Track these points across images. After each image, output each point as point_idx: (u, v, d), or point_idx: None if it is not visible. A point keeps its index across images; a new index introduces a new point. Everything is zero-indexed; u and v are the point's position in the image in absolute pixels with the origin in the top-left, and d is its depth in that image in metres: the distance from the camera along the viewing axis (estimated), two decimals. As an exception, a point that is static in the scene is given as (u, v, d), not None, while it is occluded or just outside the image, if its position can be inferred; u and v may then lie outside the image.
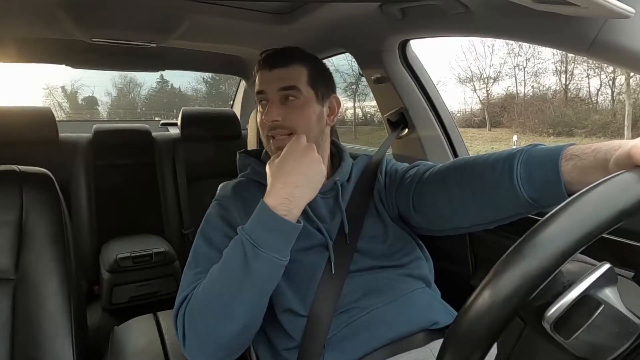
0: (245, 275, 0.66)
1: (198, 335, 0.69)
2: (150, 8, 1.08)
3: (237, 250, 0.68)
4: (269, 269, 0.68)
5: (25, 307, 0.81)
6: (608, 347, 0.39)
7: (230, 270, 0.68)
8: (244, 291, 0.67)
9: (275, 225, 0.68)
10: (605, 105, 9.18)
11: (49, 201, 0.88)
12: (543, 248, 0.34)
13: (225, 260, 0.70)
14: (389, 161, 0.98)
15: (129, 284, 1.71)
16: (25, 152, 1.69)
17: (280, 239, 0.68)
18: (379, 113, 1.33)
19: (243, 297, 0.67)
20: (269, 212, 0.68)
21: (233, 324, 0.68)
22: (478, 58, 12.10)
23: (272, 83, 0.83)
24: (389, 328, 0.75)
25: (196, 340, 0.70)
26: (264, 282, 0.68)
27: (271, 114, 0.81)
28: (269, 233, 0.67)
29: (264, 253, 0.66)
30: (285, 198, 0.69)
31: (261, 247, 0.66)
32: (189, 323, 0.70)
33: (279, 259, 0.68)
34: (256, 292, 0.68)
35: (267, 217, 0.68)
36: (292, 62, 0.84)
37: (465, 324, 0.34)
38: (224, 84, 10.28)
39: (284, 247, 0.69)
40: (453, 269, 1.15)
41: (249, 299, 0.68)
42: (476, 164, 0.75)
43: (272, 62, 0.84)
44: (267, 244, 0.67)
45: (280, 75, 0.83)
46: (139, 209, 2.00)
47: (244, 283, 0.67)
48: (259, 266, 0.66)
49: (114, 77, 10.32)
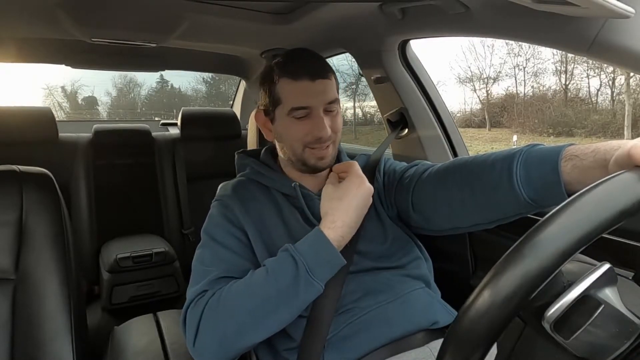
0: (291, 295, 0.68)
1: (217, 335, 0.69)
2: (150, 8, 1.08)
3: (288, 270, 0.69)
4: (314, 296, 0.71)
5: (25, 307, 0.81)
6: (608, 347, 0.39)
7: (277, 285, 0.69)
8: (283, 309, 0.69)
9: (332, 260, 0.71)
10: (605, 106, 9.18)
11: (49, 201, 0.88)
12: (543, 248, 0.34)
13: (271, 274, 0.70)
14: (387, 160, 0.98)
15: (129, 284, 1.72)
16: (25, 152, 1.70)
17: (329, 272, 0.72)
18: (379, 113, 1.33)
19: (280, 314, 0.69)
20: (329, 246, 0.71)
21: (259, 335, 0.70)
22: (478, 58, 12.11)
23: (318, 97, 0.79)
24: (389, 328, 0.75)
25: (213, 340, 0.69)
26: (303, 306, 0.71)
27: (325, 129, 0.79)
28: (324, 266, 0.71)
29: (316, 282, 0.69)
30: (342, 237, 0.72)
31: (315, 277, 0.69)
32: (208, 321, 0.70)
33: (321, 288, 0.71)
34: (294, 313, 0.71)
35: (327, 252, 0.71)
36: (329, 72, 0.82)
37: (466, 323, 0.34)
38: (224, 84, 10.28)
39: (327, 279, 0.72)
40: (453, 269, 1.15)
41: (284, 316, 0.70)
42: (475, 164, 0.75)
43: (313, 71, 0.79)
44: (320, 274, 0.70)
45: (324, 88, 0.80)
46: (139, 209, 2.00)
47: (287, 301, 0.69)
48: (307, 292, 0.69)
49: (114, 77, 10.32)
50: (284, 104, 0.81)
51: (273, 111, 0.83)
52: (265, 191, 0.87)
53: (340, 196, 0.74)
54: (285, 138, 0.84)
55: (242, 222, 0.81)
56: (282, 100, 0.81)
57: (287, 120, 0.81)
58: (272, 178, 0.88)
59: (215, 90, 11.15)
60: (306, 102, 0.79)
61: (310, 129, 0.80)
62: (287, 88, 0.80)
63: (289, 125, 0.81)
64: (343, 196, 0.74)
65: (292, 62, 0.82)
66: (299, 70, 0.79)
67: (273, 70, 0.82)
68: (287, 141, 0.84)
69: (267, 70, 0.85)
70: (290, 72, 0.80)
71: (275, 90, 0.81)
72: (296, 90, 0.79)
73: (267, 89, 0.83)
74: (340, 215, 0.73)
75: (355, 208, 0.74)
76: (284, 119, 0.82)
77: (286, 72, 0.80)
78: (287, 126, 0.82)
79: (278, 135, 0.86)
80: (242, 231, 0.81)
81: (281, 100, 0.81)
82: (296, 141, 0.82)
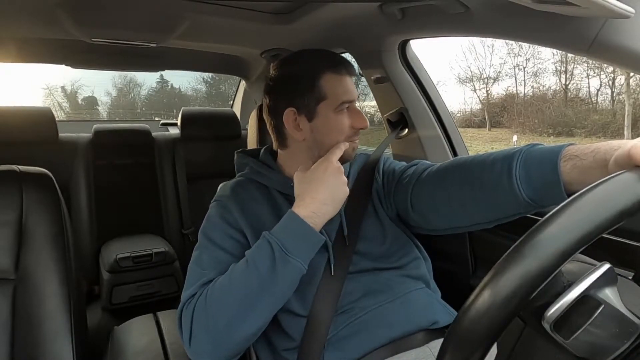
0: (271, 279, 0.68)
1: (209, 333, 0.69)
2: (150, 8, 1.08)
3: (265, 254, 0.70)
4: (294, 275, 0.71)
5: (25, 307, 0.81)
6: (608, 347, 0.39)
7: (257, 272, 0.69)
8: (268, 294, 0.69)
9: (305, 235, 0.72)
10: (605, 105, 9.17)
11: (49, 201, 0.88)
12: (543, 248, 0.34)
13: (251, 262, 0.71)
14: (386, 160, 0.97)
15: (129, 284, 1.72)
16: (25, 152, 1.70)
17: (307, 248, 0.72)
18: (379, 113, 1.33)
19: (266, 300, 0.69)
20: (300, 221, 0.72)
21: (250, 325, 0.69)
22: (478, 58, 12.08)
23: (354, 90, 0.85)
24: (389, 328, 0.75)
25: (206, 339, 0.69)
26: (287, 288, 0.71)
27: (364, 120, 0.84)
28: (298, 241, 0.71)
29: (293, 259, 0.69)
30: (313, 212, 0.73)
31: (291, 254, 0.69)
32: (200, 320, 0.70)
33: (302, 266, 0.71)
34: (279, 297, 0.71)
35: (298, 227, 0.71)
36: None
37: (466, 323, 0.34)
38: (224, 84, 10.27)
39: (308, 256, 0.72)
40: (453, 268, 1.15)
41: (271, 302, 0.70)
42: (475, 163, 0.75)
43: (347, 68, 0.84)
44: (296, 251, 0.70)
45: (352, 82, 0.85)
46: (139, 209, 2.00)
47: (269, 286, 0.69)
48: (287, 272, 0.69)
49: (114, 77, 10.31)
50: (330, 99, 0.82)
51: (315, 107, 0.82)
52: (264, 191, 0.87)
53: (309, 178, 0.77)
54: (328, 133, 0.83)
55: (240, 224, 0.81)
56: (328, 96, 0.82)
57: (333, 115, 0.82)
58: (272, 177, 0.88)
59: (215, 90, 11.13)
60: (351, 95, 0.83)
61: (353, 121, 0.84)
62: (333, 83, 0.82)
63: (336, 119, 0.82)
64: (312, 178, 0.77)
65: (331, 59, 0.84)
66: (339, 65, 0.83)
67: (312, 67, 0.83)
68: (330, 135, 0.83)
69: (302, 69, 0.84)
70: (333, 68, 0.83)
71: (318, 86, 0.81)
72: (342, 85, 0.83)
73: (305, 87, 0.82)
74: (309, 193, 0.75)
75: (326, 186, 0.75)
76: (330, 114, 0.82)
77: (329, 68, 0.82)
78: (334, 120, 0.82)
79: (316, 132, 0.83)
80: (240, 232, 0.81)
81: (327, 95, 0.82)
82: (342, 134, 0.83)
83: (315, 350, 0.74)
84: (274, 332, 0.79)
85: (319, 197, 0.74)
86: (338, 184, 0.76)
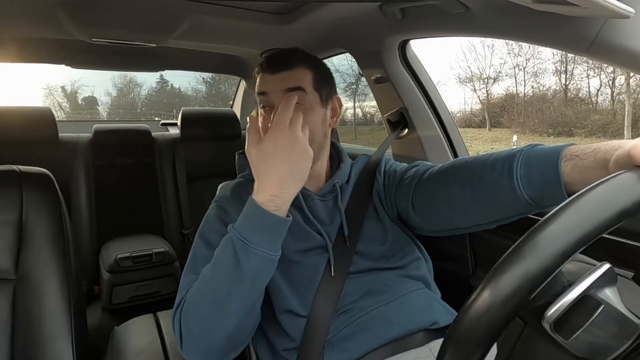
0: (236, 272, 0.66)
1: (193, 334, 0.69)
2: (150, 8, 1.08)
3: (228, 249, 0.68)
4: (259, 264, 0.67)
5: (25, 307, 0.81)
6: (608, 347, 0.39)
7: (221, 268, 0.68)
8: (236, 288, 0.67)
9: (264, 221, 0.67)
10: (605, 106, 9.17)
11: (49, 201, 0.88)
12: (543, 248, 0.34)
13: (217, 259, 0.70)
14: (387, 161, 0.97)
15: (129, 284, 1.72)
16: (25, 152, 1.70)
17: (269, 234, 0.67)
18: (379, 113, 1.33)
19: (235, 295, 0.67)
20: (257, 208, 0.67)
21: (227, 322, 0.68)
22: (478, 58, 12.08)
23: (276, 85, 0.81)
24: (389, 328, 0.75)
25: (192, 340, 0.70)
26: (255, 279, 0.68)
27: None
28: (258, 229, 0.67)
29: (253, 248, 0.66)
30: (273, 195, 0.67)
31: (250, 243, 0.66)
32: (185, 323, 0.70)
33: (269, 254, 0.67)
34: (248, 289, 0.68)
35: (256, 213, 0.67)
36: (296, 65, 0.82)
37: (466, 323, 0.34)
38: (224, 84, 10.28)
39: (273, 241, 0.68)
40: (453, 269, 1.15)
41: (241, 296, 0.67)
42: (476, 164, 0.75)
43: (275, 64, 0.82)
44: (256, 240, 0.66)
45: (284, 77, 0.81)
46: (139, 209, 2.00)
47: (235, 280, 0.66)
48: (250, 262, 0.66)
49: (114, 77, 10.32)
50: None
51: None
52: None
53: (262, 158, 0.69)
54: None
55: None
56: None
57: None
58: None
59: (215, 90, 11.14)
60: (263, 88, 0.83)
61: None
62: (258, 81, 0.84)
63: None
64: (265, 158, 0.68)
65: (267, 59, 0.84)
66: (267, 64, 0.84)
67: None
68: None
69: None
70: (261, 67, 0.84)
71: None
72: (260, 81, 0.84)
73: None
74: (265, 173, 0.68)
75: (280, 160, 0.67)
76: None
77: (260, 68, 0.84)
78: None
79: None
80: None
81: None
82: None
83: (315, 350, 0.74)
84: (274, 332, 0.79)
85: (274, 177, 0.67)
86: (294, 156, 0.68)
